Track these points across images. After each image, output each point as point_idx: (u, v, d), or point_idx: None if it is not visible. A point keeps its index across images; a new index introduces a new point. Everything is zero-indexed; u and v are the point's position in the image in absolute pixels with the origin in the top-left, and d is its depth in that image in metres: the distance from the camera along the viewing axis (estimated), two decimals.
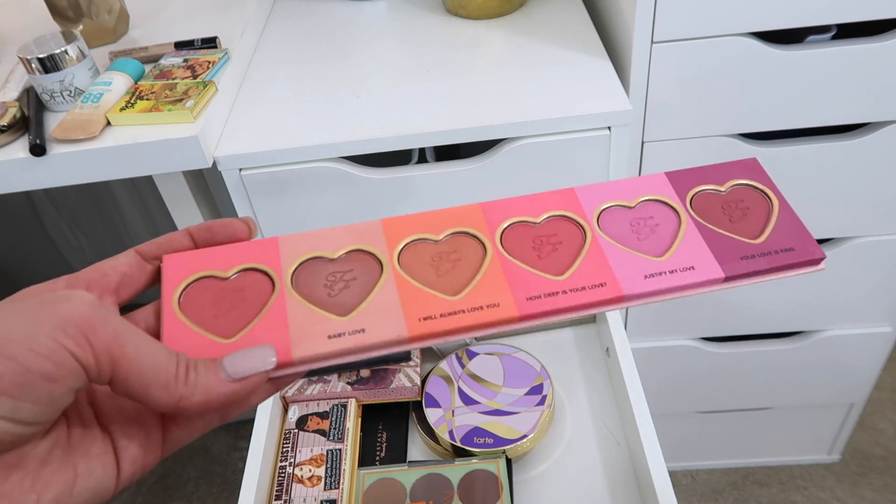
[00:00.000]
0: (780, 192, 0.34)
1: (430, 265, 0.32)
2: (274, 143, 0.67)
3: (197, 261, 0.32)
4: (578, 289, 0.30)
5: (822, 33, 0.71)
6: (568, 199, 0.34)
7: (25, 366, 0.23)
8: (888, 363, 1.35)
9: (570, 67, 0.72)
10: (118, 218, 1.44)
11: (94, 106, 0.68)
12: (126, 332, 0.26)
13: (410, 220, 0.33)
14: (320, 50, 0.82)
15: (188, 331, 0.29)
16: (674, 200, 0.34)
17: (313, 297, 0.31)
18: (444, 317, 0.30)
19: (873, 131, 0.75)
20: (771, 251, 0.32)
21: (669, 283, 0.31)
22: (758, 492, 1.23)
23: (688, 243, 0.32)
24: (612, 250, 0.32)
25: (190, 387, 0.26)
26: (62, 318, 0.24)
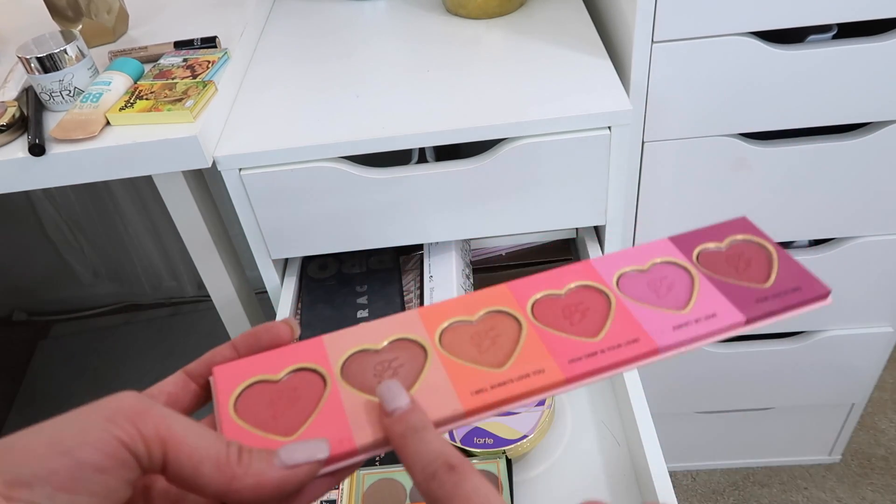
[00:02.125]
0: (774, 242, 0.37)
1: (470, 344, 0.33)
2: (274, 143, 0.67)
3: (246, 369, 0.33)
4: (615, 347, 0.32)
5: (823, 33, 0.71)
6: (586, 270, 0.36)
7: (78, 459, 0.24)
8: (889, 363, 1.35)
9: (570, 67, 0.72)
10: (118, 218, 1.44)
11: (93, 106, 0.68)
12: (173, 415, 0.26)
13: (444, 306, 0.35)
14: (320, 50, 0.82)
15: (248, 434, 0.30)
16: (683, 260, 0.37)
17: (365, 386, 0.32)
18: (495, 388, 0.31)
19: (873, 131, 0.75)
20: (781, 292, 0.34)
21: (697, 331, 0.33)
22: (758, 492, 1.23)
23: (705, 295, 0.35)
24: (638, 309, 0.34)
25: (243, 467, 0.26)
26: (111, 411, 0.25)
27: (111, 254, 1.52)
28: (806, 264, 0.35)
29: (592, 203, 0.72)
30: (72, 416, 0.25)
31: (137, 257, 1.53)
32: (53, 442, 0.24)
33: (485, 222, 0.73)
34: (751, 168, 0.79)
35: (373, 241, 0.74)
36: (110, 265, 1.55)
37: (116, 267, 1.55)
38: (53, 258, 1.51)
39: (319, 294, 0.78)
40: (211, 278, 0.82)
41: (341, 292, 0.78)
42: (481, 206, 0.71)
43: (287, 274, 0.81)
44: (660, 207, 0.84)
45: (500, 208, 0.72)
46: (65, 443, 0.24)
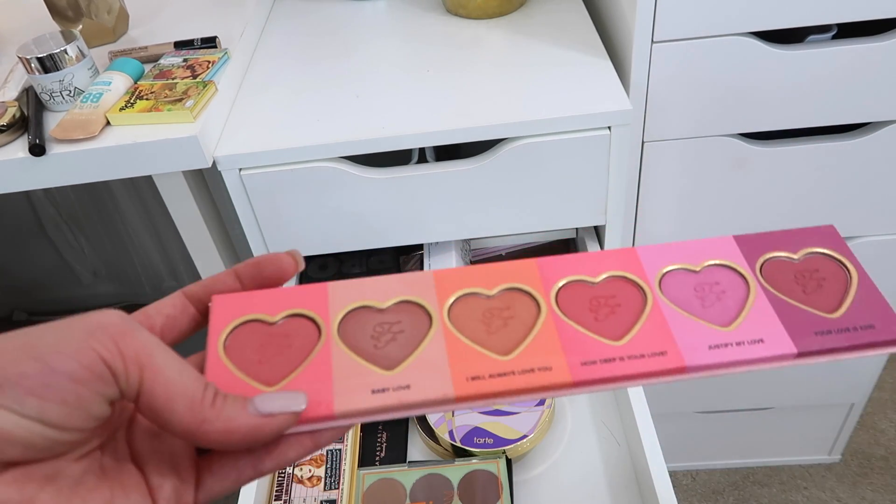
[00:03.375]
0: (860, 263, 0.32)
1: (481, 321, 0.30)
2: (274, 143, 0.67)
3: (245, 303, 0.31)
4: (637, 356, 0.28)
5: (823, 33, 0.71)
6: (629, 258, 0.32)
7: (51, 365, 0.23)
8: (888, 363, 1.35)
9: (570, 67, 0.72)
10: (118, 218, 1.44)
11: (93, 106, 0.68)
12: (157, 345, 0.26)
13: (464, 272, 0.32)
14: (320, 50, 0.82)
15: (231, 375, 0.29)
16: (742, 267, 0.32)
17: (359, 348, 0.30)
18: (493, 378, 0.28)
19: (873, 131, 0.75)
20: (849, 327, 0.29)
21: (735, 355, 0.28)
22: (758, 492, 1.23)
23: (757, 313, 0.30)
24: (675, 316, 0.30)
25: (216, 410, 0.26)
26: (92, 324, 0.25)
27: (111, 254, 1.52)
28: None
29: (592, 203, 0.72)
30: (51, 325, 0.25)
31: (137, 257, 1.53)
32: (28, 346, 0.24)
33: (485, 222, 0.73)
34: (751, 168, 0.79)
35: (373, 241, 0.74)
36: (110, 265, 1.55)
37: (116, 267, 1.55)
38: (53, 258, 1.51)
39: None
40: None
41: None
42: (481, 206, 0.71)
43: None
44: (660, 207, 0.84)
45: (500, 208, 0.72)
46: (39, 348, 0.24)
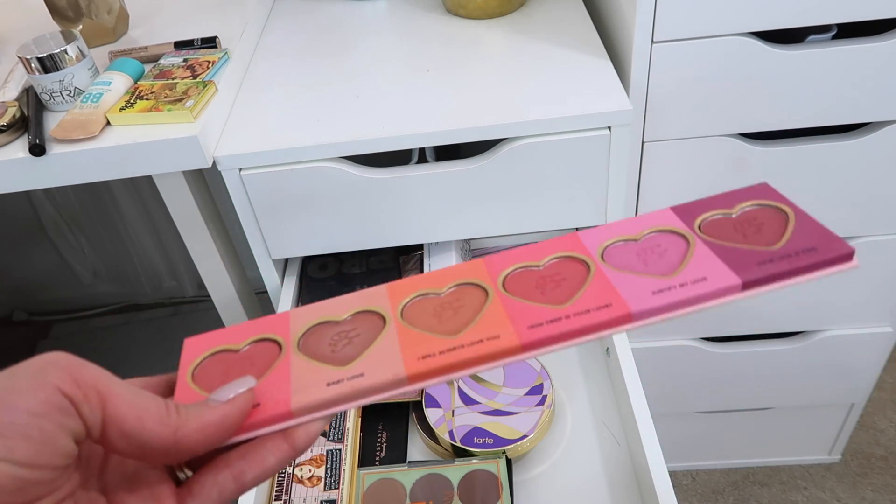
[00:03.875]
0: (796, 205, 0.33)
1: (432, 315, 0.32)
2: (274, 143, 0.67)
3: (214, 339, 0.33)
4: (582, 312, 0.29)
5: (823, 33, 0.71)
6: (572, 242, 0.34)
7: (8, 403, 0.24)
8: (888, 363, 1.35)
9: (570, 67, 0.72)
10: (118, 218, 1.44)
11: (93, 106, 0.68)
12: (110, 375, 0.27)
13: (414, 280, 0.33)
14: (320, 50, 0.82)
15: (196, 395, 0.30)
16: (681, 227, 0.33)
17: (318, 354, 0.31)
18: (444, 353, 0.29)
19: (873, 131, 0.75)
20: (791, 253, 0.30)
21: (680, 295, 0.29)
22: (758, 492, 1.23)
23: (699, 259, 0.31)
24: (618, 277, 0.31)
25: (182, 417, 0.27)
26: (43, 362, 0.26)
27: (111, 254, 1.52)
28: None
29: (592, 203, 0.72)
30: (5, 370, 0.26)
31: (137, 257, 1.53)
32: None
33: (485, 222, 0.73)
34: (751, 168, 0.79)
35: (373, 241, 0.74)
36: (110, 265, 1.55)
37: (116, 267, 1.55)
38: (53, 258, 1.51)
39: (319, 294, 0.78)
40: (211, 278, 0.82)
41: (341, 292, 0.77)
42: (481, 206, 0.71)
43: (287, 274, 0.81)
44: (660, 207, 0.84)
45: (500, 208, 0.72)
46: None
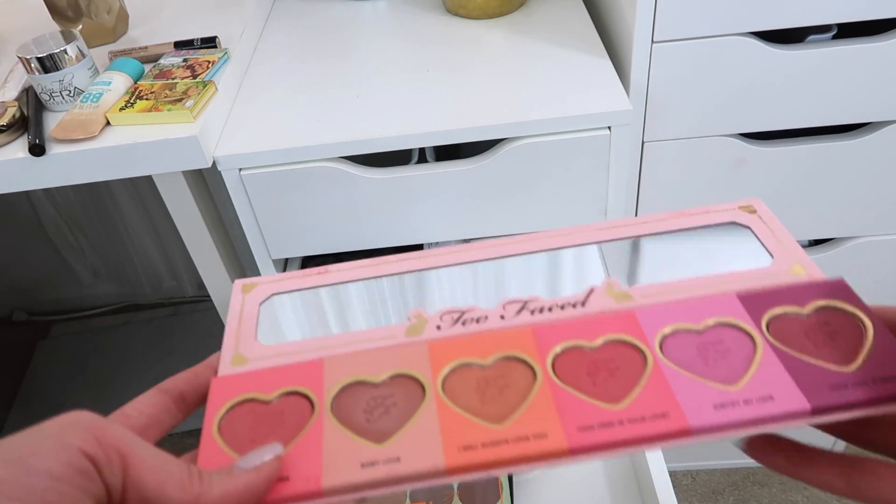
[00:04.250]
0: (874, 313, 0.31)
1: (475, 391, 0.30)
2: (274, 143, 0.67)
3: (243, 384, 0.31)
4: (637, 419, 0.27)
5: (823, 33, 0.71)
6: (627, 321, 0.31)
7: (29, 466, 0.23)
8: None
9: (570, 67, 0.72)
10: (118, 218, 1.44)
11: (93, 106, 0.68)
12: (133, 436, 0.26)
13: (457, 342, 0.31)
14: (320, 50, 0.82)
15: (223, 455, 0.29)
16: (748, 324, 0.30)
17: (352, 422, 0.30)
18: (486, 447, 0.28)
19: (873, 131, 0.75)
20: (865, 380, 0.27)
21: (744, 415, 0.27)
22: (758, 492, 1.23)
23: (765, 370, 0.28)
24: (677, 377, 0.29)
25: (206, 484, 0.26)
26: (66, 422, 0.25)
27: (111, 254, 1.52)
28: None
29: (592, 203, 0.72)
30: (26, 431, 0.25)
31: (137, 257, 1.53)
32: (4, 451, 0.23)
33: (485, 222, 0.73)
34: (751, 168, 0.79)
35: (373, 241, 0.74)
36: (110, 265, 1.55)
37: (116, 267, 1.55)
38: (53, 258, 1.51)
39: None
40: (211, 278, 0.82)
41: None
42: (481, 206, 0.71)
43: None
44: (660, 207, 0.84)
45: (500, 208, 0.72)
46: (16, 451, 0.23)
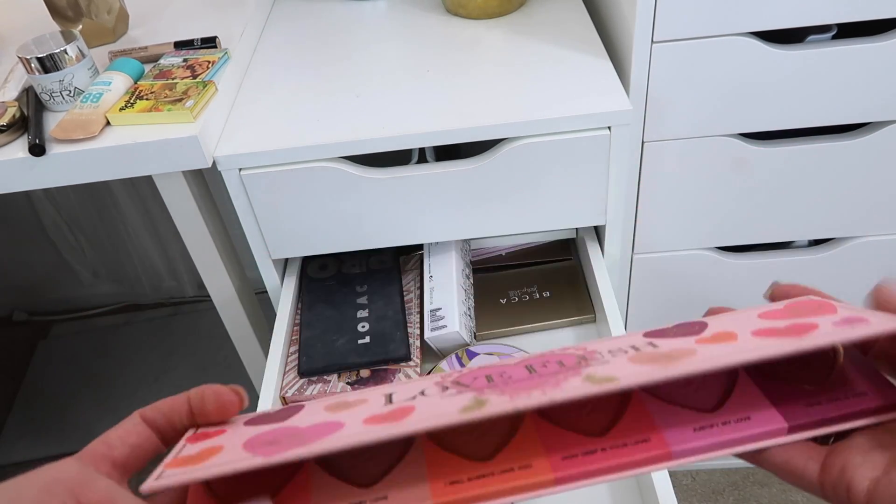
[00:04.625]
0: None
1: (460, 432, 0.30)
2: (274, 143, 0.67)
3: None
4: (620, 445, 0.28)
5: (823, 33, 0.71)
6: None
7: None
8: None
9: (570, 67, 0.72)
10: (118, 218, 1.44)
11: (93, 106, 0.68)
12: (116, 490, 0.26)
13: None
14: (320, 50, 0.82)
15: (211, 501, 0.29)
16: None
17: (338, 467, 0.30)
18: (473, 480, 0.28)
19: (873, 131, 0.75)
20: (840, 397, 0.28)
21: (722, 435, 0.28)
22: (758, 492, 1.23)
23: (742, 394, 0.29)
24: (657, 405, 0.30)
25: None
26: (48, 480, 0.24)
27: (111, 254, 1.52)
28: (806, 264, 0.32)
29: (592, 203, 0.72)
30: (7, 485, 0.24)
31: (137, 257, 1.53)
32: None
33: (485, 222, 0.73)
34: (751, 168, 0.79)
35: (373, 241, 0.74)
36: (110, 265, 1.55)
37: (116, 267, 1.55)
38: (53, 258, 1.51)
39: (319, 294, 0.78)
40: (211, 278, 0.82)
41: (341, 292, 0.78)
42: (481, 206, 0.71)
43: (287, 274, 0.81)
44: (660, 207, 0.84)
45: (500, 208, 0.72)
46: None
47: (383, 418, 0.29)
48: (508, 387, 0.29)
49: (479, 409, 0.27)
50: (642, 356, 0.30)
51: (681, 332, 0.32)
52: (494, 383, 0.30)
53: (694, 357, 0.28)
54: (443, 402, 0.29)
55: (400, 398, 0.31)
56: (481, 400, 0.28)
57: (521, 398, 0.27)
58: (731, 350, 0.28)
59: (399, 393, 0.32)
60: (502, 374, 0.31)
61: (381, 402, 0.31)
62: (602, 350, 0.32)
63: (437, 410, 0.28)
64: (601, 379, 0.27)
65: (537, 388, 0.28)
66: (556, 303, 0.78)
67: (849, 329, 0.27)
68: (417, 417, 0.28)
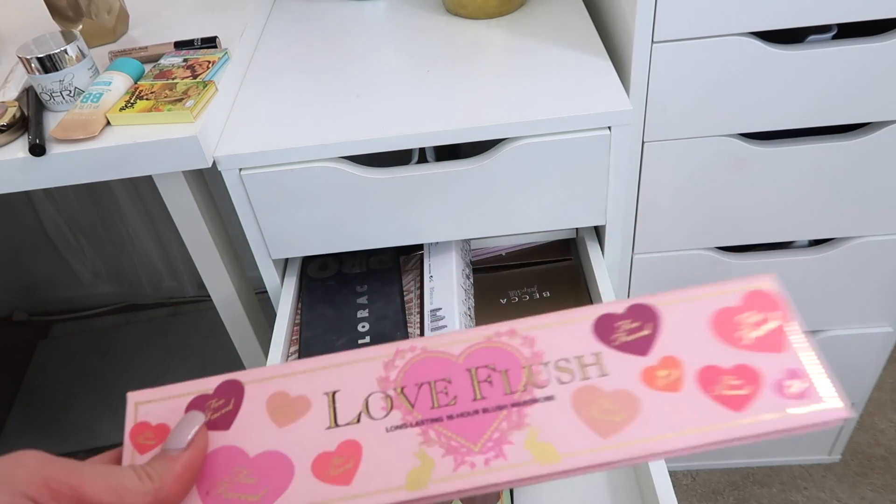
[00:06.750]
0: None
1: None
2: (274, 143, 0.67)
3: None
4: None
5: (823, 33, 0.71)
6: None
7: None
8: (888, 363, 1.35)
9: (570, 67, 0.72)
10: (118, 218, 1.44)
11: (93, 106, 0.68)
12: (80, 465, 0.27)
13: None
14: (320, 50, 0.82)
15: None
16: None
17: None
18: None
19: (873, 131, 0.75)
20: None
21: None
22: (758, 492, 1.23)
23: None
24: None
25: (156, 480, 0.28)
26: (12, 464, 0.26)
27: (111, 254, 1.52)
28: (806, 264, 0.33)
29: (592, 203, 0.72)
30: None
31: (137, 257, 1.53)
32: None
33: (485, 222, 0.73)
34: (751, 168, 0.79)
35: (373, 241, 0.74)
36: (110, 265, 1.55)
37: (116, 267, 1.55)
38: (53, 258, 1.51)
39: (319, 294, 0.78)
40: (211, 278, 0.82)
41: (341, 292, 0.78)
42: (481, 206, 0.71)
43: (287, 274, 0.81)
44: (660, 207, 0.84)
45: (500, 208, 0.72)
46: None
47: (330, 468, 0.31)
48: (451, 430, 0.31)
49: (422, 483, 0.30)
50: (585, 399, 0.31)
51: (632, 330, 0.33)
52: (438, 415, 0.32)
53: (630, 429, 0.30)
54: (388, 451, 0.31)
55: (344, 416, 0.32)
56: (427, 459, 0.30)
57: (464, 470, 0.30)
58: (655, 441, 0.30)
59: (342, 403, 0.33)
60: (446, 390, 0.32)
61: (325, 419, 0.32)
62: (550, 361, 0.33)
63: (383, 472, 0.30)
64: (542, 452, 0.30)
65: (481, 454, 0.30)
66: (556, 303, 0.78)
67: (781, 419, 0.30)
68: (365, 478, 0.30)
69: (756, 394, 0.31)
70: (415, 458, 0.31)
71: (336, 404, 0.33)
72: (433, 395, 0.32)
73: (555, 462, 0.30)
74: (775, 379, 0.32)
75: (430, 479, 0.30)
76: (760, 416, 0.30)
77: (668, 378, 0.32)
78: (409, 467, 0.30)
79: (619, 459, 0.30)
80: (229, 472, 0.31)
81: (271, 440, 0.32)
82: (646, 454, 0.30)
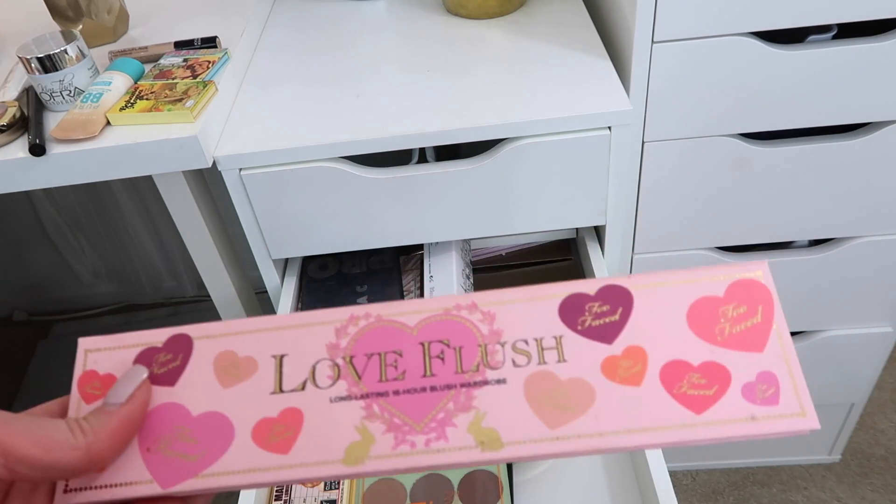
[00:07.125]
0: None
1: None
2: (274, 143, 0.67)
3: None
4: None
5: (823, 33, 0.71)
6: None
7: None
8: (889, 363, 1.35)
9: (570, 67, 0.72)
10: (118, 218, 1.44)
11: (93, 106, 0.68)
12: (9, 416, 0.26)
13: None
14: (320, 49, 0.82)
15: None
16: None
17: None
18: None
19: (873, 131, 0.75)
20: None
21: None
22: (758, 492, 1.23)
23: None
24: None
25: (89, 434, 0.27)
26: None
27: (111, 254, 1.52)
28: (806, 264, 0.32)
29: (592, 203, 0.72)
30: None
31: (137, 257, 1.53)
32: None
33: (485, 222, 0.73)
34: (751, 168, 0.79)
35: (373, 241, 0.74)
36: (110, 265, 1.55)
37: (116, 267, 1.55)
38: (53, 258, 1.51)
39: (319, 294, 0.78)
40: (211, 278, 0.82)
41: (341, 292, 0.78)
42: (481, 206, 0.71)
43: (287, 274, 0.81)
44: (660, 207, 0.84)
45: (500, 208, 0.72)
46: None
47: (271, 435, 0.30)
48: (396, 406, 0.30)
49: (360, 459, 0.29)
50: (538, 386, 0.30)
51: (600, 314, 0.32)
52: (384, 389, 0.31)
53: (579, 422, 0.29)
54: (329, 422, 0.30)
55: (289, 382, 0.31)
56: (368, 435, 0.30)
57: (404, 449, 0.29)
58: (603, 438, 0.29)
59: (289, 368, 0.32)
60: (395, 364, 0.31)
61: (270, 384, 0.31)
62: (508, 341, 0.31)
63: (322, 444, 0.30)
64: (485, 437, 0.29)
65: (422, 434, 0.29)
66: None
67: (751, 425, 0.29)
68: (303, 449, 0.30)
69: (721, 395, 0.29)
70: (355, 433, 0.30)
71: (283, 369, 0.32)
72: (382, 367, 0.31)
73: (497, 450, 0.29)
74: (745, 381, 0.30)
75: (368, 456, 0.29)
76: (720, 420, 0.29)
77: (629, 370, 0.30)
78: (349, 441, 0.30)
79: (563, 453, 0.29)
80: (171, 429, 0.30)
81: (215, 401, 0.31)
82: (591, 450, 0.29)
